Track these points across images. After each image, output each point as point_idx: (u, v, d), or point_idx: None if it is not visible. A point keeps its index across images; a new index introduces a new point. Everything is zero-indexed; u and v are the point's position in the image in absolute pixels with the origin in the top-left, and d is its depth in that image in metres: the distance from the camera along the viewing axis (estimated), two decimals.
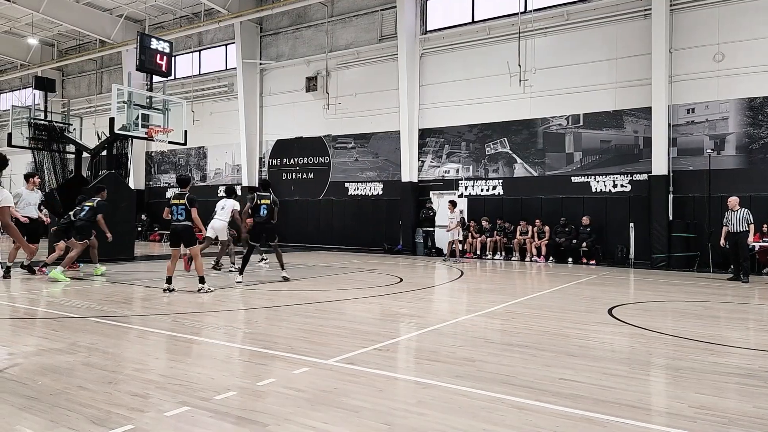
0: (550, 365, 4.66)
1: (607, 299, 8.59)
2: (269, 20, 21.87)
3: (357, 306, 7.91)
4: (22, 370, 4.33)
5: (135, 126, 13.31)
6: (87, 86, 28.52)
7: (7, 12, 23.99)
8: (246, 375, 4.34)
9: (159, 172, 25.67)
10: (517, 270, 13.65)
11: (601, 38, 15.71)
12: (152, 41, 14.10)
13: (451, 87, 17.94)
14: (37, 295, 8.49)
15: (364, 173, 19.73)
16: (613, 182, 15.51)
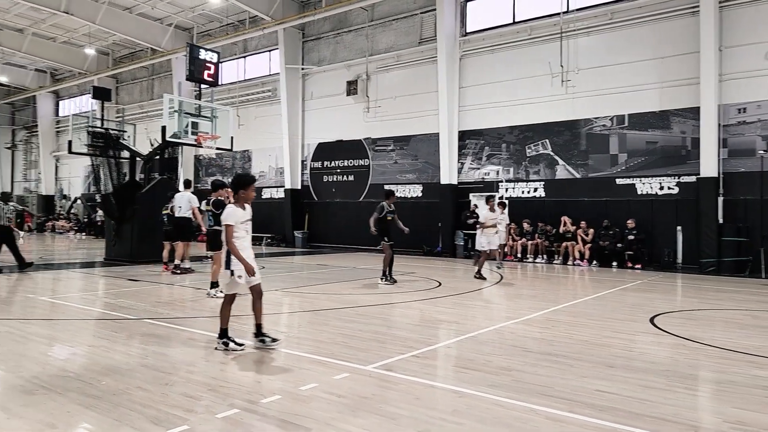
0: (588, 376, 4.70)
1: (650, 307, 8.46)
2: (311, 26, 22.30)
3: (396, 311, 8.07)
4: (86, 370, 4.69)
5: (185, 133, 13.88)
6: (139, 93, 29.74)
7: (66, 23, 25.32)
8: (290, 379, 4.56)
9: (207, 175, 26.53)
10: (560, 274, 13.52)
11: (646, 37, 15.34)
12: (201, 51, 14.66)
13: (491, 88, 17.87)
14: (96, 296, 9.03)
15: (404, 175, 19.88)
16: (659, 184, 15.13)
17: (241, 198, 5.38)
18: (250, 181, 5.42)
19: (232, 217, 5.25)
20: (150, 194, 14.23)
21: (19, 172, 37.53)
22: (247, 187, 5.38)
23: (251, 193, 5.40)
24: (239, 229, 5.29)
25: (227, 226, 5.23)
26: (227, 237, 5.22)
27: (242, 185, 5.38)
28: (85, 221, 30.26)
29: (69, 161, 33.37)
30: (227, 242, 5.23)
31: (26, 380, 4.37)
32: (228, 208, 5.31)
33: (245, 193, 5.37)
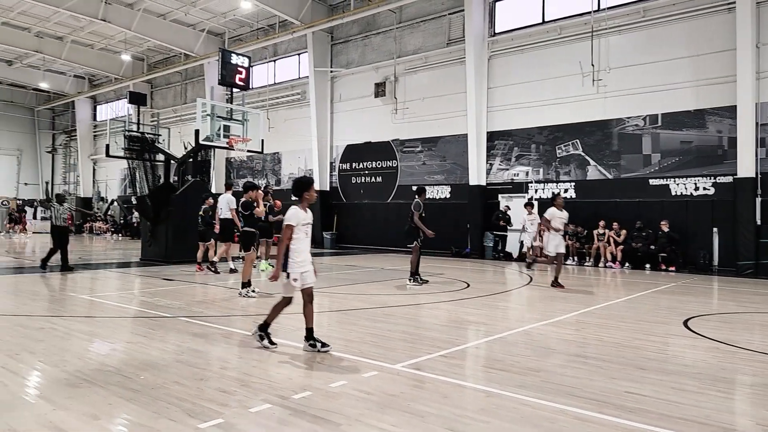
0: (617, 378, 4.67)
1: (684, 310, 8.30)
2: (339, 29, 22.51)
3: (424, 311, 8.11)
4: (125, 365, 4.88)
5: (217, 137, 14.21)
6: (173, 97, 30.48)
7: (104, 31, 26.15)
8: (320, 376, 4.66)
9: (237, 177, 27.00)
10: (591, 276, 13.35)
11: (680, 35, 15.02)
12: (232, 56, 14.98)
13: (520, 89, 17.74)
14: (133, 295, 9.33)
15: (432, 176, 19.89)
16: (694, 185, 14.79)
17: (304, 200, 5.42)
18: (310, 183, 5.49)
19: (294, 218, 5.29)
20: (183, 196, 14.60)
21: (59, 175, 38.85)
22: (309, 189, 5.44)
23: (313, 194, 5.48)
24: (299, 231, 5.32)
25: (288, 226, 5.27)
26: (283, 236, 5.28)
27: (305, 188, 5.43)
28: (121, 223, 31.14)
29: (106, 164, 34.39)
30: (281, 242, 5.31)
31: (70, 374, 4.58)
32: (291, 209, 5.36)
33: (308, 194, 5.43)
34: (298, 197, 5.46)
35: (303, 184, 5.45)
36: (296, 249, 5.29)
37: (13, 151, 37.09)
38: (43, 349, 5.38)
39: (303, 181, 5.49)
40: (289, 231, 5.27)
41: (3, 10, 24.08)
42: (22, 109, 37.01)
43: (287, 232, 5.27)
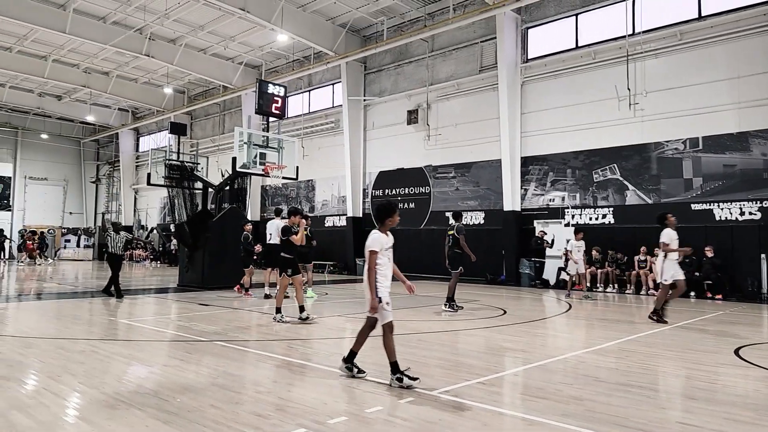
0: (667, 407, 4.44)
1: (734, 338, 7.90)
2: (373, 59, 22.90)
3: (460, 338, 7.95)
4: (162, 387, 4.91)
5: (253, 164, 14.50)
6: (211, 127, 31.40)
7: (147, 65, 27.28)
8: (355, 402, 4.58)
9: (272, 204, 27.42)
10: (633, 304, 12.90)
11: (719, 57, 14.71)
12: (269, 86, 15.38)
13: (555, 113, 17.60)
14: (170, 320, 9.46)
15: (465, 202, 19.75)
16: (740, 209, 14.25)
17: (387, 224, 5.28)
18: (394, 208, 5.35)
19: (377, 243, 5.15)
20: (220, 222, 14.87)
21: (102, 204, 40.21)
22: (393, 214, 5.29)
23: (396, 219, 5.33)
24: (383, 256, 5.19)
25: (371, 252, 5.13)
26: (370, 263, 5.12)
27: (388, 213, 5.28)
28: (160, 250, 31.87)
29: (146, 193, 35.46)
30: (369, 269, 5.13)
31: (109, 396, 4.62)
32: (373, 234, 5.23)
33: (391, 219, 5.29)
34: (380, 222, 5.31)
35: (386, 210, 5.29)
36: (380, 274, 5.14)
37: (60, 181, 38.67)
38: (84, 371, 5.46)
39: (386, 206, 5.34)
40: (374, 257, 5.12)
41: (55, 48, 25.43)
42: (70, 141, 38.69)
43: (372, 259, 5.12)
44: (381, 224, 5.32)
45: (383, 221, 5.30)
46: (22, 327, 8.55)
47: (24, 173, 36.90)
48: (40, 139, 36.76)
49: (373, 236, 5.21)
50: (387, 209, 5.31)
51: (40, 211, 37.10)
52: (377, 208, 5.37)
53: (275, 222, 12.58)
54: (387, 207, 5.34)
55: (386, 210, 5.30)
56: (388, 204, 5.40)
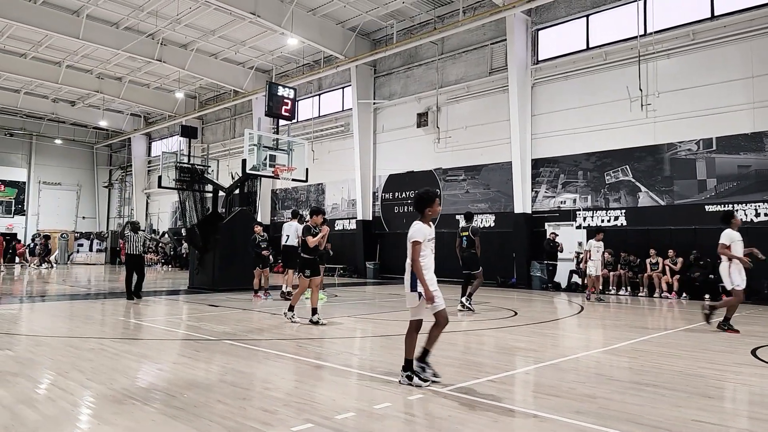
0: (682, 406, 4.33)
1: (751, 339, 7.74)
2: (382, 62, 22.92)
3: (470, 338, 7.87)
4: (170, 384, 4.88)
5: (263, 166, 14.54)
6: (222, 132, 31.58)
7: (159, 71, 27.52)
8: (364, 398, 4.53)
9: (283, 208, 27.49)
10: (646, 306, 12.71)
11: (733, 56, 14.53)
12: (279, 89, 15.43)
13: (566, 115, 17.48)
14: (180, 320, 9.46)
15: (475, 205, 19.65)
16: (755, 211, 14.03)
17: (427, 216, 5.01)
18: (433, 197, 5.05)
19: (419, 233, 4.88)
20: (230, 225, 14.90)
21: (114, 209, 40.56)
22: (432, 204, 5.01)
23: (437, 209, 5.05)
24: (426, 247, 4.92)
25: (415, 243, 4.85)
26: (414, 256, 4.84)
27: (427, 203, 5.01)
28: (171, 254, 32.03)
29: (158, 198, 35.70)
30: (413, 261, 4.85)
31: (116, 391, 4.61)
32: (415, 225, 4.95)
33: (431, 209, 5.02)
34: (420, 212, 5.04)
35: (425, 199, 5.01)
36: (423, 266, 4.87)
37: (73, 186, 39.07)
38: (92, 368, 5.46)
39: (424, 195, 5.05)
40: (418, 248, 4.83)
41: (69, 54, 25.74)
42: (83, 146, 39.10)
43: (416, 250, 4.83)
44: (421, 215, 5.04)
45: (423, 211, 5.02)
46: (34, 327, 8.60)
47: (38, 178, 37.34)
48: (54, 145, 37.20)
49: (416, 227, 4.95)
50: (426, 199, 5.02)
51: (53, 216, 37.50)
52: (416, 198, 5.11)
53: (293, 224, 12.94)
54: (425, 196, 5.04)
55: (425, 199, 5.02)
56: (425, 193, 5.09)
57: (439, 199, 5.19)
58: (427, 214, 5.02)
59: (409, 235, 4.95)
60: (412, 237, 4.90)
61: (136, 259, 12.43)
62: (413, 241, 4.88)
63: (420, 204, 5.05)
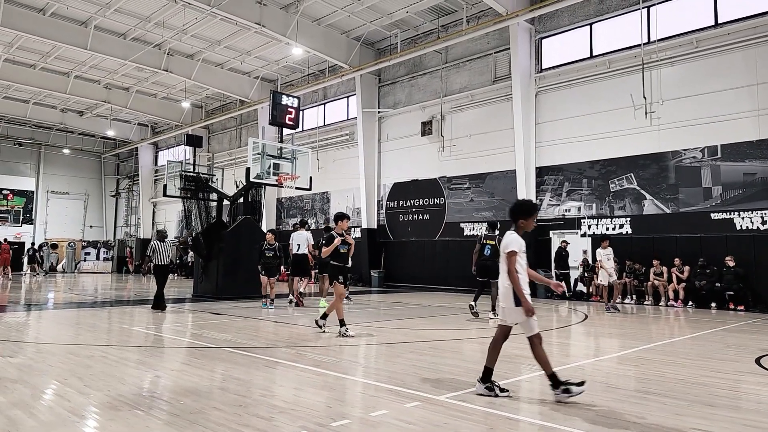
0: (683, 414, 4.28)
1: (755, 348, 7.64)
2: (387, 71, 23.02)
3: (471, 346, 7.82)
4: (167, 391, 4.88)
5: (267, 174, 14.60)
6: (228, 141, 31.76)
7: (165, 81, 27.77)
8: (360, 405, 4.50)
9: (288, 217, 27.55)
10: (651, 315, 12.60)
11: (737, 63, 14.48)
12: (283, 98, 15.52)
13: (570, 123, 17.45)
14: (182, 327, 9.47)
15: (480, 213, 19.61)
16: (761, 219, 13.91)
17: (520, 227, 4.83)
18: (532, 210, 4.87)
19: (515, 242, 4.71)
20: (235, 233, 14.94)
21: (121, 218, 40.79)
22: (529, 217, 4.82)
23: (532, 224, 4.83)
24: (521, 258, 4.75)
25: (511, 253, 4.67)
26: (510, 266, 4.66)
27: (523, 213, 4.83)
28: (177, 262, 32.13)
29: (165, 207, 35.86)
30: (510, 273, 4.66)
31: (112, 397, 4.61)
32: (510, 234, 4.79)
33: (525, 222, 4.82)
34: (514, 222, 4.85)
35: (524, 210, 4.83)
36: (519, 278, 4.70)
37: (81, 195, 39.34)
38: (91, 375, 5.47)
39: (525, 205, 4.90)
40: (514, 258, 4.66)
41: (77, 65, 26.03)
42: (91, 155, 39.42)
43: (512, 260, 4.66)
44: (514, 225, 4.85)
45: (517, 221, 4.82)
46: (37, 334, 8.63)
47: (46, 187, 37.64)
48: (62, 154, 37.52)
49: (511, 236, 4.77)
50: (524, 210, 4.84)
51: (61, 225, 37.75)
52: (515, 207, 4.91)
53: (302, 233, 13.31)
54: (524, 207, 4.87)
55: (522, 211, 4.84)
56: (525, 204, 4.93)
57: (536, 214, 4.95)
58: (520, 225, 4.82)
59: (503, 244, 4.76)
60: (508, 247, 4.70)
61: (164, 270, 11.86)
62: (509, 251, 4.68)
63: (516, 213, 4.85)
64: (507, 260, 4.69)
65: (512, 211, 4.90)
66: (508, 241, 4.75)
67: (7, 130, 35.36)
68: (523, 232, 4.87)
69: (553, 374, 4.65)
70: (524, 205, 4.92)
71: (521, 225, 4.82)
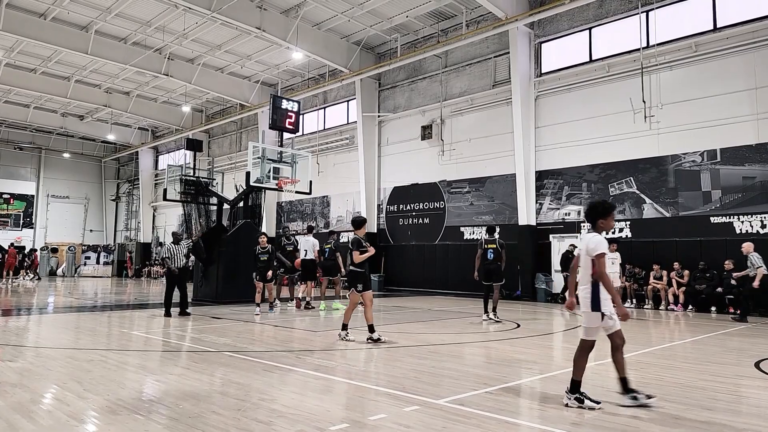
0: (681, 418, 4.28)
1: (755, 351, 7.64)
2: (387, 75, 23.08)
3: (471, 350, 7.82)
4: (166, 395, 4.88)
5: (267, 178, 14.61)
6: (228, 145, 31.81)
7: (166, 85, 27.84)
8: (359, 409, 4.50)
9: (288, 221, 27.56)
10: (651, 319, 12.60)
11: (736, 67, 14.52)
12: (283, 102, 15.56)
13: (569, 127, 17.48)
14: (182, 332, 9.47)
15: (480, 217, 19.62)
16: (761, 222, 13.92)
17: (599, 227, 4.72)
18: (610, 210, 4.76)
19: (603, 244, 4.56)
20: (234, 237, 14.95)
21: (121, 222, 40.81)
22: (607, 216, 4.73)
23: (611, 223, 4.75)
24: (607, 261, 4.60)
25: (601, 255, 4.52)
26: (601, 269, 4.50)
27: (602, 214, 4.73)
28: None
29: (165, 211, 35.90)
30: (601, 275, 4.50)
31: (111, 401, 4.61)
32: (595, 236, 4.64)
33: (605, 222, 4.73)
34: (592, 224, 4.74)
35: (601, 210, 4.72)
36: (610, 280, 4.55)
37: (81, 199, 39.38)
38: (90, 379, 5.47)
39: (601, 206, 4.76)
40: (604, 260, 4.51)
41: (77, 69, 26.11)
42: (91, 159, 39.48)
43: (602, 262, 4.51)
44: (593, 226, 4.74)
45: (596, 222, 4.72)
46: (37, 338, 8.63)
47: (47, 191, 37.68)
48: (62, 158, 37.58)
49: (596, 238, 4.60)
50: (601, 210, 4.72)
51: (61, 229, 37.78)
52: (590, 208, 4.80)
53: (310, 239, 13.68)
54: (601, 207, 4.74)
55: (599, 211, 4.72)
56: (601, 204, 4.78)
57: (614, 213, 4.85)
58: (599, 225, 4.72)
59: (590, 247, 4.59)
60: (597, 249, 4.55)
61: (181, 273, 11.53)
62: (599, 254, 4.53)
63: (594, 214, 4.75)
64: (597, 263, 4.52)
65: (589, 213, 4.80)
66: (596, 242, 4.58)
67: (7, 135, 35.44)
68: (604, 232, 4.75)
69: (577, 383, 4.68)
70: (599, 206, 4.79)
71: (601, 225, 4.72)
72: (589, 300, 4.58)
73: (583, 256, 4.68)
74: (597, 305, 4.53)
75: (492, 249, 11.39)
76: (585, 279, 4.66)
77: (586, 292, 4.61)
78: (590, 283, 4.58)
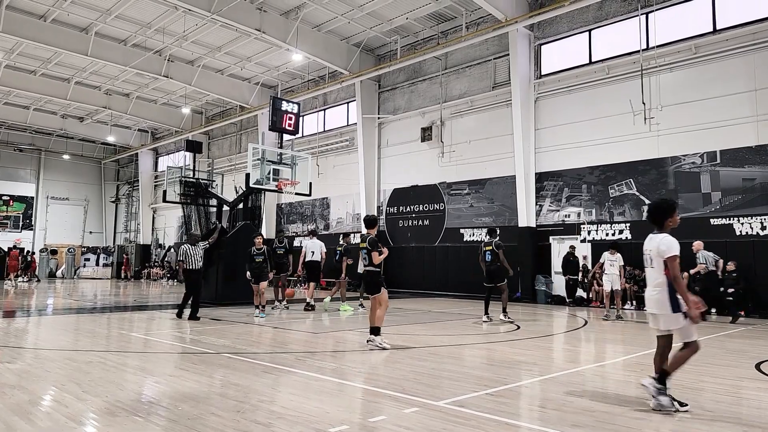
0: (682, 419, 4.27)
1: (755, 353, 7.63)
2: (386, 77, 23.09)
3: (471, 351, 7.80)
4: (165, 397, 4.87)
5: (267, 180, 14.61)
6: (228, 147, 31.81)
7: (166, 87, 27.86)
8: (359, 411, 4.49)
9: (288, 222, 27.55)
10: None
11: (736, 69, 14.53)
12: (283, 103, 15.56)
13: (569, 129, 17.48)
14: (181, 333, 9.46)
15: (480, 219, 19.61)
16: (761, 224, 13.91)
17: (667, 227, 4.63)
18: (674, 207, 4.70)
19: (676, 245, 4.47)
20: (234, 239, 14.93)
21: (121, 223, 40.79)
22: (673, 214, 4.65)
23: (677, 219, 4.69)
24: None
25: (674, 257, 4.43)
26: (675, 272, 4.42)
27: (668, 213, 4.64)
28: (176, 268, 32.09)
29: (164, 212, 35.89)
30: (675, 278, 4.42)
31: (110, 403, 4.60)
32: (665, 237, 4.55)
33: (672, 220, 4.66)
34: (659, 225, 4.65)
35: (666, 209, 4.63)
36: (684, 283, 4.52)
37: (81, 201, 39.36)
38: (89, 381, 5.45)
39: (666, 204, 4.68)
40: (677, 262, 4.43)
41: (77, 71, 26.12)
42: (91, 161, 39.47)
43: (676, 264, 4.43)
44: (659, 227, 4.65)
45: (663, 222, 4.62)
46: (37, 340, 8.61)
47: (46, 193, 37.66)
48: (62, 160, 37.56)
49: (667, 239, 4.51)
50: (666, 209, 4.64)
51: (61, 230, 37.75)
52: (654, 208, 4.72)
53: (315, 241, 14.06)
54: (665, 206, 4.66)
55: (664, 209, 4.64)
56: (665, 202, 4.71)
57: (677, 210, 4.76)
58: (667, 225, 4.63)
59: (661, 249, 4.49)
60: (669, 251, 4.45)
61: (197, 275, 11.30)
62: (672, 256, 4.43)
63: (659, 214, 4.66)
64: (670, 265, 4.42)
65: (656, 214, 4.70)
66: (668, 244, 4.47)
67: (7, 136, 35.42)
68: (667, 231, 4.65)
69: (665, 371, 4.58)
70: (664, 204, 4.71)
71: (669, 224, 4.64)
72: (667, 302, 4.48)
73: (654, 257, 4.57)
74: (677, 306, 4.44)
75: (489, 251, 11.57)
76: (658, 281, 4.55)
77: (662, 294, 4.50)
78: (667, 285, 4.47)
